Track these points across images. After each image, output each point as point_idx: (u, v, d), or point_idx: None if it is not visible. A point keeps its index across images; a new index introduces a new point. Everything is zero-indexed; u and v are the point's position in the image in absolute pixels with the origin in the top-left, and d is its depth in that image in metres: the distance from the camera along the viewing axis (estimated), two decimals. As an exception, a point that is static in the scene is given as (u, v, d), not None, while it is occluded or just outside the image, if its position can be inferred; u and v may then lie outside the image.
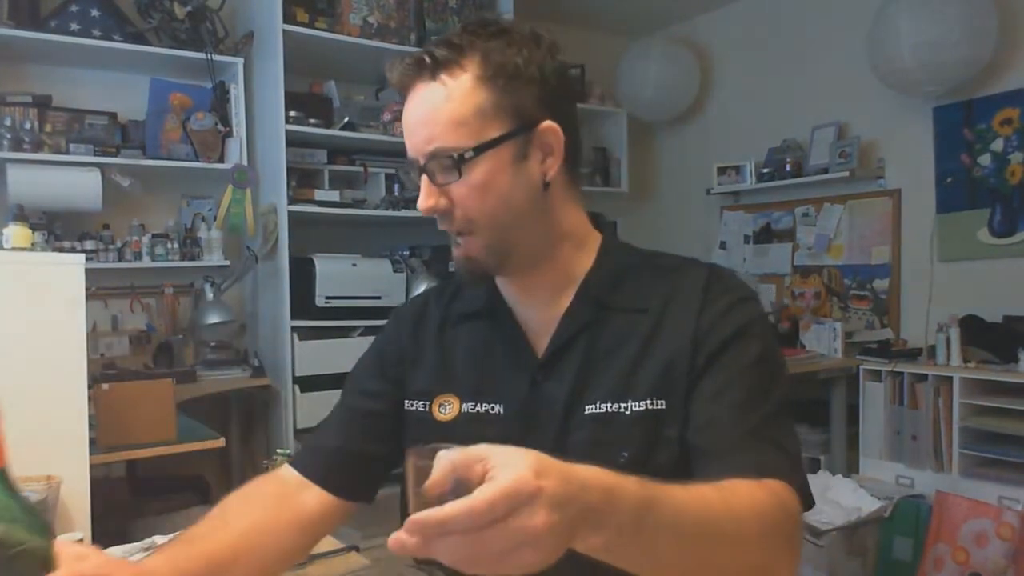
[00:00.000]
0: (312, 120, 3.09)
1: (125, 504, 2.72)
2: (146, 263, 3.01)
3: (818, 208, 3.78)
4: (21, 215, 2.67)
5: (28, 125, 2.76)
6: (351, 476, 0.95)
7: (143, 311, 3.13)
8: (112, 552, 1.15)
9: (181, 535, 0.87)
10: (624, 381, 0.85)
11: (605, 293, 0.89)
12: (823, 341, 3.43)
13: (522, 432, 0.86)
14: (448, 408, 0.92)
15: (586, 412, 0.85)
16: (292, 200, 3.02)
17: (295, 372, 2.93)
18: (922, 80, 3.10)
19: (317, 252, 3.04)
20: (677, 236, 4.34)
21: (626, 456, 0.82)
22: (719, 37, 4.29)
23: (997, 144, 3.14)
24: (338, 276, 3.02)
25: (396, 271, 3.16)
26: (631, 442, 0.83)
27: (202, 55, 2.99)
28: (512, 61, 0.82)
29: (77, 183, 2.78)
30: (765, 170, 3.87)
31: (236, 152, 3.04)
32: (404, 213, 3.26)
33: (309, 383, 2.92)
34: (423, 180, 0.84)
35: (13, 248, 1.44)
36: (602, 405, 0.85)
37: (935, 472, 2.86)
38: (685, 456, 0.82)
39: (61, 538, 1.05)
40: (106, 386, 2.04)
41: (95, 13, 2.85)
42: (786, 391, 0.85)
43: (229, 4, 3.15)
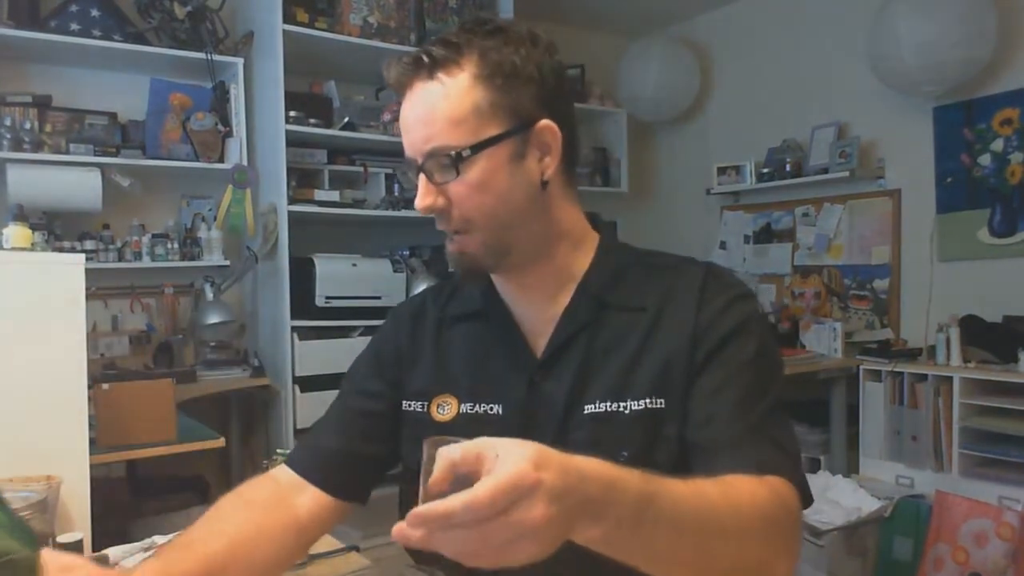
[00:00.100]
0: (312, 120, 3.10)
1: (125, 504, 2.72)
2: (146, 263, 3.01)
3: (818, 208, 3.78)
4: (21, 215, 2.67)
5: (28, 125, 2.77)
6: (348, 476, 0.95)
7: (143, 311, 3.13)
8: (112, 552, 1.15)
9: (173, 541, 0.86)
10: (623, 380, 0.85)
11: (603, 292, 0.89)
12: (823, 341, 3.43)
13: (521, 432, 0.85)
14: (446, 409, 0.92)
15: (585, 412, 0.85)
16: (292, 200, 3.02)
17: (295, 372, 2.93)
18: (922, 80, 3.10)
19: (317, 252, 3.04)
20: (677, 236, 4.34)
21: (626, 455, 0.82)
22: (719, 37, 4.29)
23: (997, 144, 3.14)
24: (338, 276, 3.02)
25: (396, 271, 3.17)
26: (631, 441, 0.83)
27: (202, 55, 2.99)
28: (509, 60, 0.82)
29: (77, 183, 2.78)
30: (765, 170, 3.87)
31: (236, 152, 3.04)
32: (404, 213, 3.26)
33: (309, 383, 2.92)
34: (421, 179, 0.84)
35: (13, 248, 1.43)
36: (601, 404, 0.85)
37: (935, 472, 2.86)
38: (684, 454, 0.82)
39: (61, 538, 1.06)
40: (106, 386, 2.04)
41: (95, 13, 2.85)
42: (782, 388, 0.85)
43: (229, 4, 3.15)
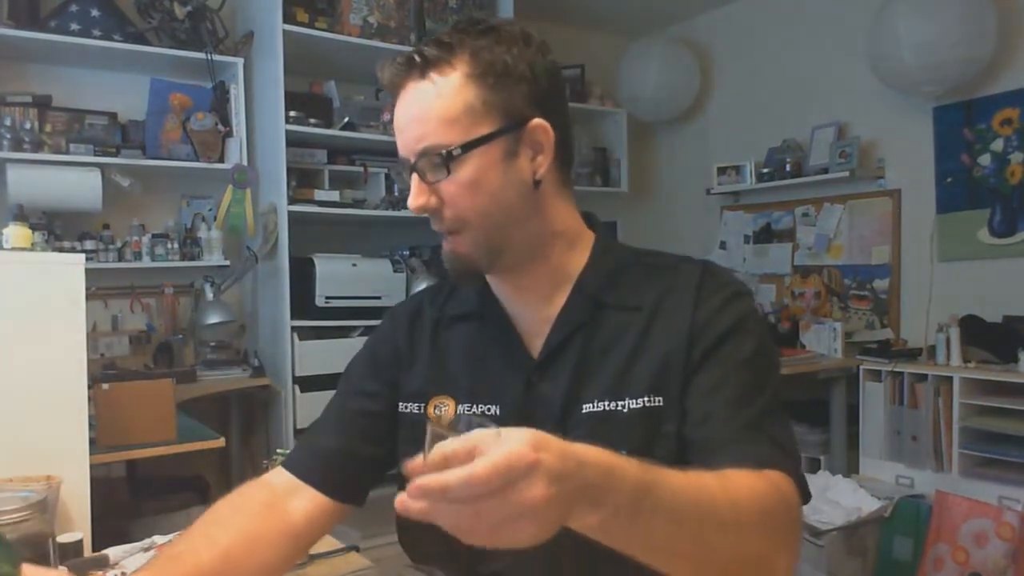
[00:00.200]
0: (312, 120, 3.10)
1: (125, 504, 2.72)
2: (146, 263, 3.01)
3: (818, 208, 3.78)
4: (21, 215, 2.68)
5: (28, 125, 2.77)
6: (346, 477, 0.94)
7: (143, 311, 3.13)
8: (112, 552, 1.15)
9: (163, 552, 0.85)
10: (620, 379, 0.85)
11: (599, 292, 0.89)
12: (823, 341, 3.43)
13: None
14: (443, 410, 0.92)
15: (583, 411, 0.85)
16: (292, 200, 3.02)
17: (295, 372, 2.93)
18: (922, 80, 3.10)
19: (317, 252, 3.04)
20: (677, 236, 4.34)
21: (624, 454, 0.82)
22: (719, 37, 4.29)
23: (997, 144, 3.14)
24: (338, 276, 3.02)
25: (396, 271, 3.17)
26: (629, 440, 0.83)
27: (202, 55, 2.99)
28: (501, 59, 0.82)
29: (77, 183, 2.79)
30: (765, 170, 3.87)
31: (236, 152, 3.04)
32: (404, 213, 3.25)
33: (309, 383, 2.92)
34: (414, 178, 0.84)
35: (13, 248, 1.43)
36: (599, 404, 0.85)
37: (935, 472, 2.86)
38: (683, 452, 0.82)
39: (61, 538, 1.06)
40: (106, 386, 2.04)
41: (95, 13, 2.86)
42: (779, 384, 0.85)
43: (229, 4, 3.15)
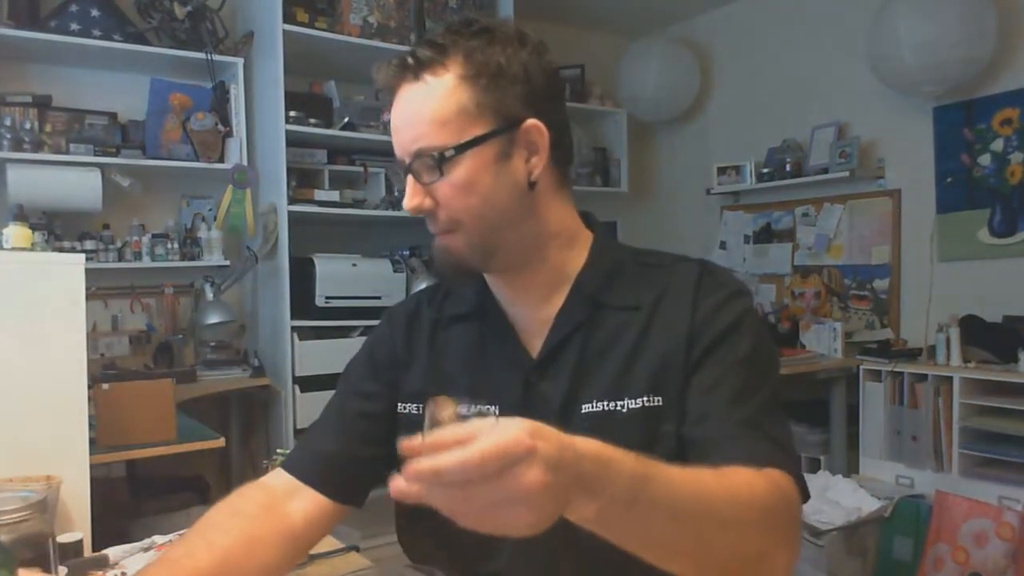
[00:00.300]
0: (312, 120, 3.10)
1: (125, 504, 2.72)
2: (146, 263, 3.01)
3: (818, 208, 3.78)
4: (21, 215, 2.68)
5: (28, 125, 2.77)
6: (346, 479, 0.94)
7: (143, 311, 3.13)
8: (112, 552, 1.15)
9: (163, 555, 0.85)
10: (620, 379, 0.85)
11: (598, 292, 0.89)
12: (823, 341, 3.43)
13: None
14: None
15: (583, 411, 0.85)
16: (292, 200, 3.02)
17: (295, 372, 2.93)
18: (922, 80, 3.10)
19: (317, 252, 3.04)
20: (677, 236, 4.34)
21: None
22: (719, 37, 4.29)
23: (997, 144, 3.14)
24: (338, 276, 3.02)
25: (396, 271, 3.17)
26: (628, 440, 0.82)
27: (202, 55, 2.99)
28: (495, 60, 0.82)
29: (77, 183, 2.79)
30: (765, 170, 3.87)
31: (236, 152, 3.04)
32: (404, 213, 3.16)
33: (309, 383, 2.92)
34: (409, 180, 0.84)
35: (13, 248, 1.43)
36: (598, 404, 0.85)
37: (935, 472, 2.86)
38: (683, 452, 0.82)
39: (61, 538, 1.06)
40: (106, 386, 2.04)
41: (95, 13, 2.85)
42: (777, 383, 0.85)
43: (229, 4, 3.15)
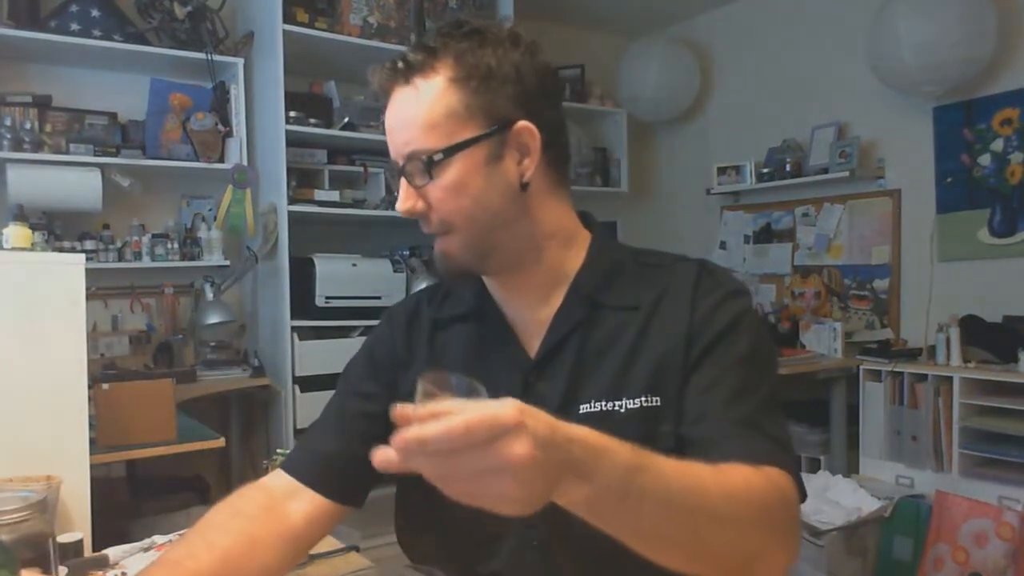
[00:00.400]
0: (312, 120, 3.10)
1: (125, 504, 2.72)
2: (146, 263, 3.01)
3: (818, 208, 3.78)
4: (21, 215, 2.68)
5: (28, 125, 2.77)
6: (346, 479, 0.94)
7: (143, 311, 3.13)
8: (112, 552, 1.15)
9: (163, 557, 0.85)
10: (618, 379, 0.85)
11: (596, 291, 0.89)
12: (823, 341, 3.43)
13: None
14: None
15: (580, 411, 0.85)
16: (292, 200, 3.02)
17: (295, 372, 2.93)
18: (922, 80, 3.10)
19: (317, 252, 3.04)
20: (677, 236, 4.34)
21: None
22: (719, 37, 4.29)
23: (997, 144, 3.14)
24: (338, 276, 3.02)
25: (396, 271, 3.17)
26: (627, 439, 0.83)
27: (202, 55, 2.99)
28: (485, 62, 0.82)
29: (77, 183, 2.79)
30: (765, 170, 3.87)
31: (236, 152, 3.04)
32: (404, 213, 3.25)
33: (309, 383, 2.92)
34: (402, 182, 0.85)
35: (13, 248, 1.43)
36: (596, 404, 0.85)
37: (935, 472, 2.86)
38: (681, 451, 0.81)
39: (61, 538, 1.06)
40: (106, 386, 2.04)
41: (95, 13, 2.85)
42: (776, 383, 0.85)
43: (229, 4, 3.15)
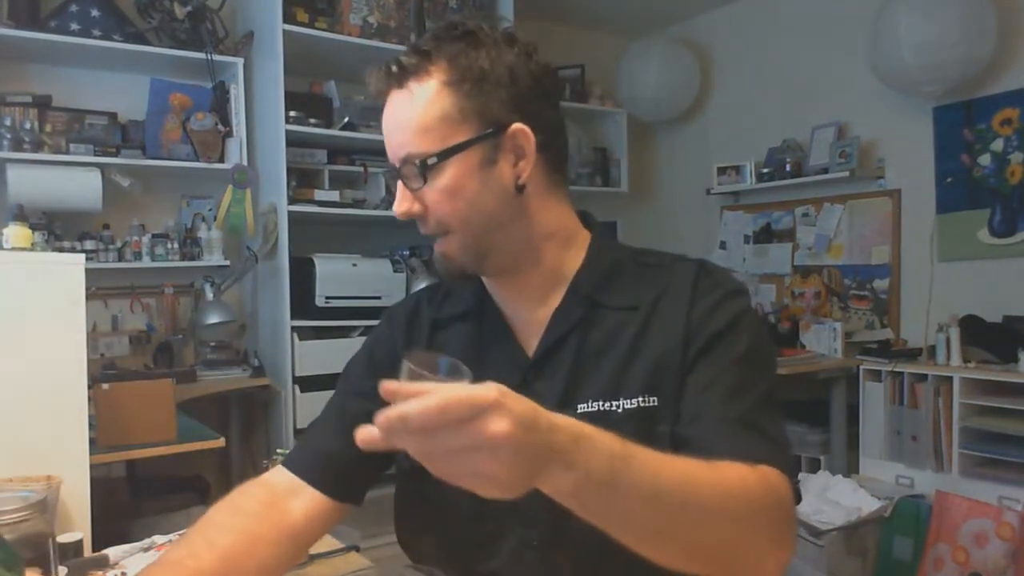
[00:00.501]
0: (312, 120, 3.10)
1: (125, 504, 2.72)
2: (146, 263, 3.01)
3: (818, 208, 3.78)
4: (21, 215, 2.67)
5: (28, 125, 2.77)
6: (346, 477, 0.94)
7: (143, 311, 3.13)
8: (112, 552, 1.15)
9: (165, 555, 0.85)
10: (616, 379, 0.85)
11: (595, 292, 0.89)
12: (823, 341, 3.43)
13: None
14: None
15: (578, 411, 0.85)
16: (292, 200, 3.02)
17: (295, 372, 2.93)
18: (922, 80, 3.10)
19: (317, 252, 3.04)
20: (677, 236, 4.34)
21: None
22: (719, 37, 4.29)
23: (997, 144, 3.14)
24: (338, 276, 3.02)
25: (396, 271, 3.17)
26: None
27: (202, 55, 2.99)
28: (478, 65, 0.82)
29: (77, 183, 2.79)
30: (765, 170, 3.87)
31: (236, 152, 3.04)
32: (404, 213, 3.24)
33: (309, 383, 2.92)
34: (399, 185, 0.85)
35: (13, 248, 1.43)
36: (594, 403, 0.85)
37: (935, 472, 2.86)
38: (678, 452, 0.81)
39: (61, 538, 1.06)
40: (106, 386, 2.04)
41: (95, 13, 2.85)
42: (775, 383, 0.85)
43: (229, 4, 3.15)
